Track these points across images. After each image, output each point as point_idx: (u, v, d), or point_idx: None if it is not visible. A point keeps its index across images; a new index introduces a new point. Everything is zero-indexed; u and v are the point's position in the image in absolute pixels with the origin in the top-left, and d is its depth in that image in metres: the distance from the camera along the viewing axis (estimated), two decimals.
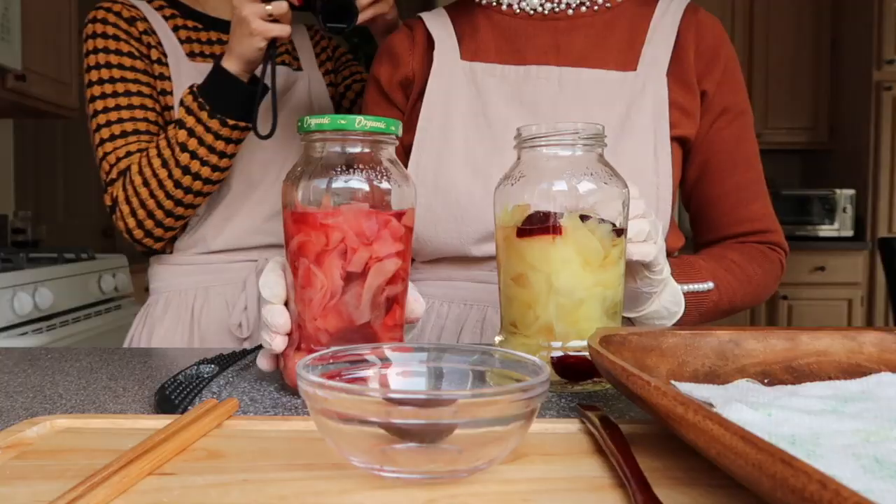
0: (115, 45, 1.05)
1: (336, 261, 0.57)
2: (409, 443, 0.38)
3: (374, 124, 0.57)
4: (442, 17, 0.96)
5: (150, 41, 1.08)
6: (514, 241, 0.63)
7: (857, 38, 3.55)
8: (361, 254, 0.57)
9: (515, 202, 0.63)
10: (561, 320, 0.61)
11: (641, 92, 0.87)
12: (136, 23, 1.08)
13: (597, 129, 0.62)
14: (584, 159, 0.62)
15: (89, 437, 0.46)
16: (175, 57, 1.09)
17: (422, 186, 0.88)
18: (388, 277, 0.58)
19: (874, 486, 0.32)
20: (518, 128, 0.64)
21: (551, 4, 0.92)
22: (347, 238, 0.56)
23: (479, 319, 0.89)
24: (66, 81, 2.75)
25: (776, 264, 0.93)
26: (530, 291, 0.62)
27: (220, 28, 1.14)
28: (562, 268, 0.60)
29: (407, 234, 0.60)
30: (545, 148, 0.62)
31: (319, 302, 0.57)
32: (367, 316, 0.57)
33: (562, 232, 0.60)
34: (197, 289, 1.12)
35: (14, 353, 0.80)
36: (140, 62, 1.07)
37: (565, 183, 0.61)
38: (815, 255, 3.46)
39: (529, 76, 0.89)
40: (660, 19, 0.91)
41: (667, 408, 0.37)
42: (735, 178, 0.91)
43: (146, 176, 0.99)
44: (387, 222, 0.58)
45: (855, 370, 0.53)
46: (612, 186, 0.62)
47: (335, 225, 0.56)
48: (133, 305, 2.55)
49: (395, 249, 0.58)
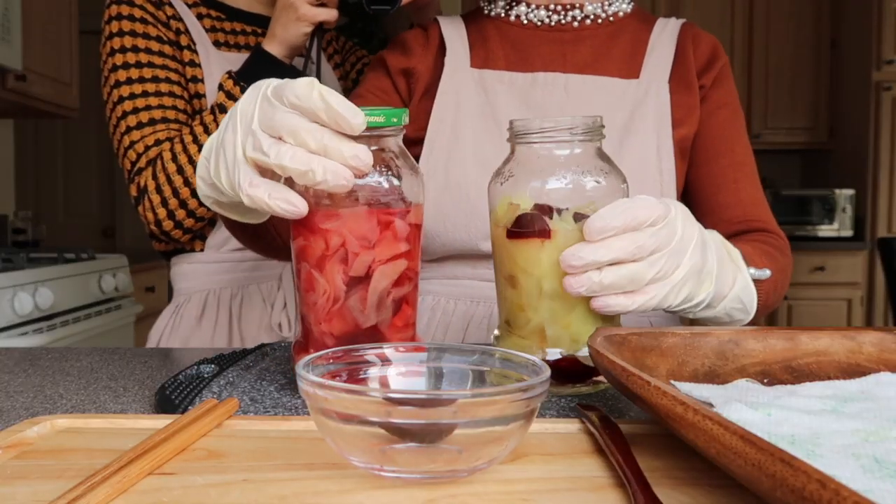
0: (143, 29, 1.02)
1: (337, 265, 0.54)
2: (409, 443, 0.38)
3: (374, 119, 0.53)
4: (457, 23, 0.98)
5: (178, 27, 1.05)
6: (505, 242, 0.61)
7: (856, 38, 3.55)
8: (363, 258, 0.54)
9: (507, 200, 0.61)
10: (553, 324, 0.59)
11: (644, 98, 0.90)
12: (164, 7, 1.05)
13: (593, 121, 0.60)
14: (580, 155, 0.60)
15: (90, 437, 0.46)
16: (203, 45, 1.07)
17: (432, 182, 0.89)
18: (393, 280, 0.56)
19: (873, 486, 0.32)
20: (511, 120, 0.62)
21: (558, 17, 0.94)
22: (348, 242, 0.54)
23: (485, 316, 0.90)
24: (66, 81, 2.75)
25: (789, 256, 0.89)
26: (521, 294, 0.60)
27: (242, 19, 1.13)
28: (552, 272, 0.58)
29: (414, 232, 0.57)
30: (538, 144, 0.60)
31: (323, 306, 0.56)
32: (373, 319, 0.56)
33: (551, 236, 0.58)
34: (233, 287, 1.10)
35: (14, 353, 0.80)
36: (168, 47, 1.03)
37: (558, 180, 0.59)
38: (815, 255, 3.46)
39: (537, 82, 0.92)
40: (659, 34, 0.95)
41: (666, 408, 0.37)
42: (726, 159, 0.92)
43: (181, 163, 0.96)
44: (389, 224, 0.55)
45: (854, 370, 0.54)
46: (609, 182, 0.59)
47: (334, 229, 0.54)
48: (133, 305, 2.55)
49: (401, 250, 0.55)
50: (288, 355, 0.73)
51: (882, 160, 3.43)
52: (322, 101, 0.50)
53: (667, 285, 0.57)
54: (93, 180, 4.33)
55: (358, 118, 0.50)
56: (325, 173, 0.50)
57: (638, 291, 0.56)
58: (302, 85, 0.50)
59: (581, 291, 0.55)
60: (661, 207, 0.56)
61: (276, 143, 0.51)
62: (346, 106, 0.50)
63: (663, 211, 0.56)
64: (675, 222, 0.57)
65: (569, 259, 0.55)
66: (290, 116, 0.51)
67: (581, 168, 0.59)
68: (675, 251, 0.56)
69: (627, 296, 0.56)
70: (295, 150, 0.50)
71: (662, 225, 0.56)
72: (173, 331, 1.10)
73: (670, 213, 0.57)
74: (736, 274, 0.65)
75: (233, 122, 0.54)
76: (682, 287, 0.57)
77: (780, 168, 4.05)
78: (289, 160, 0.50)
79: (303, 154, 0.50)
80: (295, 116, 0.51)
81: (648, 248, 0.55)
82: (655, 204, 0.56)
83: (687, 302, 0.59)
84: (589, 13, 0.94)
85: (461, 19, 1.00)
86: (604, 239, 0.54)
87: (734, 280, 0.65)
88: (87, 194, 4.33)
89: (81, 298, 2.22)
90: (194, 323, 1.09)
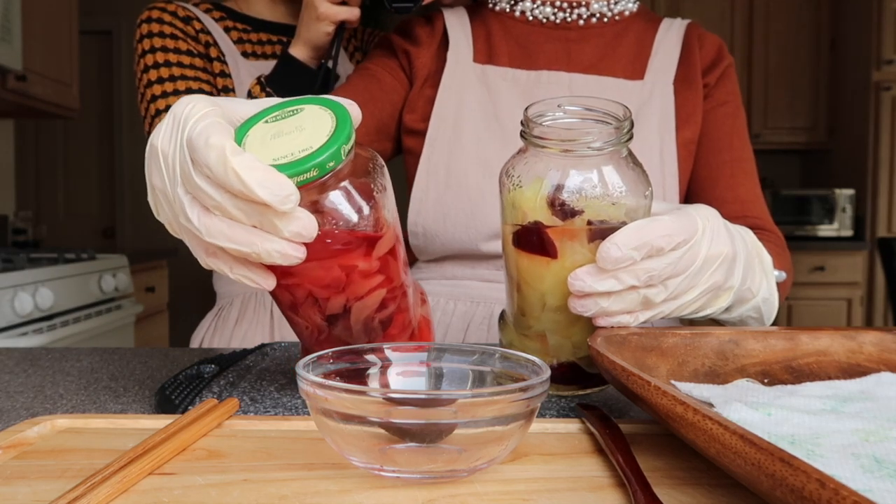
0: (174, 44, 1.05)
1: (311, 309, 0.51)
2: (409, 443, 0.38)
3: (307, 175, 0.43)
4: (461, 16, 0.98)
5: (207, 40, 1.08)
6: (511, 247, 0.57)
7: (856, 38, 3.55)
8: (335, 301, 0.50)
9: (517, 204, 0.56)
10: (555, 334, 0.58)
11: (649, 99, 0.90)
12: (192, 22, 1.08)
13: (621, 125, 0.53)
14: (604, 167, 0.53)
15: (90, 437, 0.46)
16: (232, 56, 1.09)
17: (433, 181, 0.89)
18: (374, 308, 0.52)
19: (873, 486, 0.32)
20: (525, 113, 0.55)
21: (563, 14, 0.94)
22: (314, 291, 0.50)
23: (485, 316, 0.89)
24: (66, 81, 2.75)
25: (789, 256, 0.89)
26: (525, 302, 0.58)
27: (268, 30, 1.15)
28: (556, 289, 0.55)
29: (386, 259, 0.51)
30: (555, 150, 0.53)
31: (310, 336, 0.54)
32: (363, 340, 0.54)
33: (557, 255, 0.54)
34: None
35: (15, 353, 0.80)
36: (199, 60, 1.06)
37: (575, 183, 0.53)
38: (815, 255, 3.46)
39: (540, 81, 0.91)
40: (664, 34, 0.95)
41: (666, 407, 0.37)
42: (726, 154, 0.92)
43: None
44: (353, 268, 0.49)
45: (855, 370, 0.54)
46: (631, 188, 0.53)
47: (297, 284, 0.49)
48: (133, 305, 2.55)
49: (374, 284, 0.51)
50: (288, 356, 0.73)
51: (882, 160, 3.43)
52: (240, 183, 0.40)
53: (676, 303, 0.54)
54: (93, 180, 4.33)
55: (288, 202, 0.41)
56: (271, 255, 0.43)
57: (644, 309, 0.54)
58: (213, 155, 0.41)
59: (587, 315, 0.53)
60: (683, 231, 0.51)
61: (205, 216, 0.43)
62: (269, 185, 0.40)
63: (687, 234, 0.52)
64: (700, 244, 0.52)
65: (577, 286, 0.51)
66: (210, 189, 0.42)
67: (603, 175, 0.53)
68: (692, 274, 0.53)
69: (633, 314, 0.53)
70: (228, 230, 0.43)
71: (685, 250, 0.52)
72: (215, 332, 1.12)
73: (696, 235, 0.52)
74: (762, 283, 0.63)
75: (157, 166, 0.45)
76: (693, 303, 0.56)
77: (779, 168, 4.05)
78: (224, 241, 0.43)
79: (239, 234, 0.43)
80: (215, 190, 0.42)
81: (662, 277, 0.52)
82: (677, 228, 0.51)
83: (696, 314, 0.58)
84: (595, 11, 0.94)
85: (465, 12, 0.99)
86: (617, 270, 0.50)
87: (758, 289, 0.62)
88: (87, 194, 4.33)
89: (81, 298, 2.22)
90: (235, 325, 1.10)
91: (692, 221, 0.53)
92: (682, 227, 0.52)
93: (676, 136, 0.89)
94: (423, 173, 0.90)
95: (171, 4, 1.08)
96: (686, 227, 0.52)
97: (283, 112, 0.48)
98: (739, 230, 0.62)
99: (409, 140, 0.93)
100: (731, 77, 0.95)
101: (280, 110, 0.48)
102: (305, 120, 0.47)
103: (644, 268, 0.51)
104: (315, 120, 0.46)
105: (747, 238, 0.62)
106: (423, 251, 0.93)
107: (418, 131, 0.92)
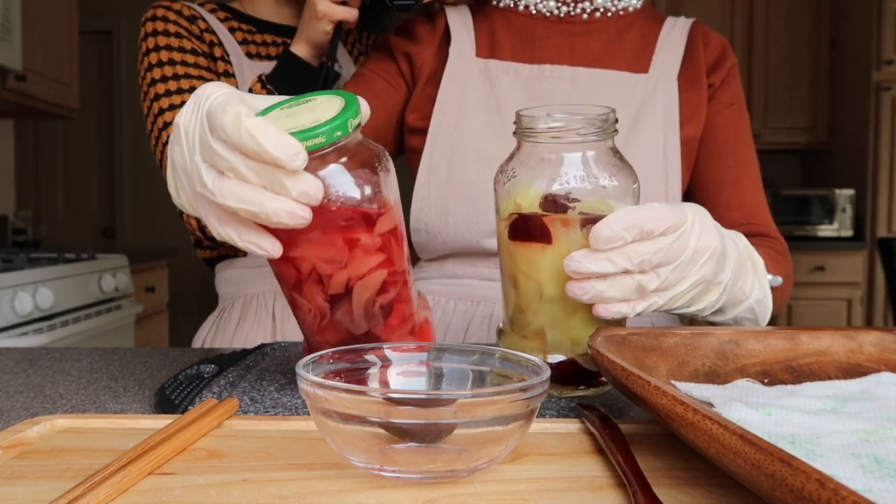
0: (178, 43, 1.04)
1: (315, 287, 0.53)
2: (409, 443, 0.38)
3: (315, 141, 0.47)
4: (463, 12, 0.98)
5: (211, 39, 1.08)
6: (507, 239, 0.59)
7: (856, 38, 3.55)
8: (338, 277, 0.52)
9: (512, 196, 0.59)
10: (553, 328, 0.59)
11: (653, 94, 0.90)
12: (197, 21, 1.08)
13: (606, 118, 0.57)
14: (589, 152, 0.57)
15: (90, 437, 0.46)
16: (236, 56, 1.09)
17: (435, 177, 0.89)
18: (376, 290, 0.54)
19: (873, 486, 0.32)
20: (518, 113, 0.59)
21: (567, 8, 0.94)
22: (318, 266, 0.52)
23: (486, 316, 0.89)
24: (66, 81, 2.75)
25: (791, 262, 0.89)
26: (522, 296, 0.59)
27: (273, 31, 1.15)
28: (553, 277, 0.56)
29: (388, 239, 0.53)
30: (545, 143, 0.58)
31: (312, 322, 0.55)
32: (364, 327, 0.55)
33: (552, 240, 0.56)
34: (275, 291, 1.11)
35: (14, 353, 0.80)
36: (203, 59, 1.06)
37: (566, 178, 0.57)
38: (815, 255, 3.46)
39: (543, 75, 0.91)
40: (669, 31, 0.95)
41: (666, 407, 0.37)
42: (731, 159, 0.92)
43: None
44: (355, 242, 0.51)
45: (855, 370, 0.54)
46: (620, 181, 0.57)
47: (300, 256, 0.51)
48: (133, 305, 2.55)
49: (375, 262, 0.53)
50: (288, 355, 0.73)
51: (882, 160, 3.43)
52: (253, 141, 0.44)
53: (668, 294, 0.56)
54: (93, 180, 4.34)
55: (297, 159, 0.44)
56: (278, 215, 0.45)
57: (639, 299, 0.56)
58: (229, 118, 0.44)
59: (584, 299, 0.55)
60: (673, 217, 0.54)
61: (219, 180, 0.46)
62: (279, 143, 0.44)
63: (677, 221, 0.54)
64: (689, 234, 0.55)
65: (573, 266, 0.54)
66: (224, 151, 0.45)
67: (590, 166, 0.57)
68: (683, 264, 0.55)
69: (629, 303, 0.55)
70: (240, 190, 0.45)
71: (675, 238, 0.54)
72: (217, 334, 1.12)
73: (685, 224, 0.55)
74: (754, 285, 0.64)
75: (178, 143, 0.49)
76: (684, 296, 0.57)
77: (780, 168, 4.05)
78: (235, 202, 0.45)
79: (250, 194, 0.45)
80: (229, 152, 0.45)
81: (654, 263, 0.54)
82: (667, 213, 0.54)
83: (687, 307, 0.60)
84: (598, 6, 0.94)
85: (468, 8, 0.99)
86: (610, 249, 0.53)
87: (751, 290, 0.64)
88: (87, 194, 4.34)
89: (81, 298, 2.22)
90: (237, 326, 1.10)
91: (682, 211, 0.55)
92: (672, 213, 0.54)
93: (680, 132, 0.89)
94: (424, 170, 0.90)
95: (176, 3, 1.07)
96: (676, 214, 0.55)
97: (298, 101, 0.52)
98: (731, 233, 0.63)
99: (411, 139, 0.93)
100: (736, 78, 0.95)
101: (295, 101, 0.52)
102: (318, 105, 0.51)
103: (636, 250, 0.53)
104: (326, 103, 0.51)
105: (738, 241, 0.64)
106: (425, 249, 0.93)
107: (421, 129, 0.92)
